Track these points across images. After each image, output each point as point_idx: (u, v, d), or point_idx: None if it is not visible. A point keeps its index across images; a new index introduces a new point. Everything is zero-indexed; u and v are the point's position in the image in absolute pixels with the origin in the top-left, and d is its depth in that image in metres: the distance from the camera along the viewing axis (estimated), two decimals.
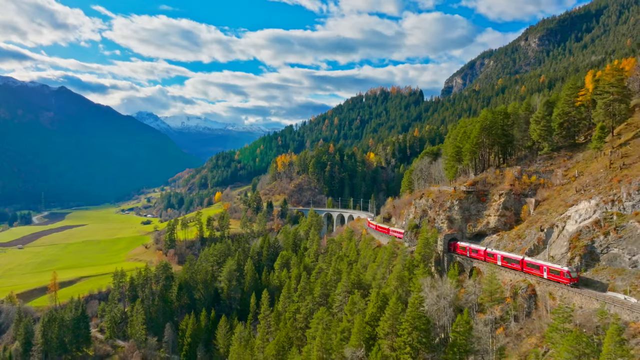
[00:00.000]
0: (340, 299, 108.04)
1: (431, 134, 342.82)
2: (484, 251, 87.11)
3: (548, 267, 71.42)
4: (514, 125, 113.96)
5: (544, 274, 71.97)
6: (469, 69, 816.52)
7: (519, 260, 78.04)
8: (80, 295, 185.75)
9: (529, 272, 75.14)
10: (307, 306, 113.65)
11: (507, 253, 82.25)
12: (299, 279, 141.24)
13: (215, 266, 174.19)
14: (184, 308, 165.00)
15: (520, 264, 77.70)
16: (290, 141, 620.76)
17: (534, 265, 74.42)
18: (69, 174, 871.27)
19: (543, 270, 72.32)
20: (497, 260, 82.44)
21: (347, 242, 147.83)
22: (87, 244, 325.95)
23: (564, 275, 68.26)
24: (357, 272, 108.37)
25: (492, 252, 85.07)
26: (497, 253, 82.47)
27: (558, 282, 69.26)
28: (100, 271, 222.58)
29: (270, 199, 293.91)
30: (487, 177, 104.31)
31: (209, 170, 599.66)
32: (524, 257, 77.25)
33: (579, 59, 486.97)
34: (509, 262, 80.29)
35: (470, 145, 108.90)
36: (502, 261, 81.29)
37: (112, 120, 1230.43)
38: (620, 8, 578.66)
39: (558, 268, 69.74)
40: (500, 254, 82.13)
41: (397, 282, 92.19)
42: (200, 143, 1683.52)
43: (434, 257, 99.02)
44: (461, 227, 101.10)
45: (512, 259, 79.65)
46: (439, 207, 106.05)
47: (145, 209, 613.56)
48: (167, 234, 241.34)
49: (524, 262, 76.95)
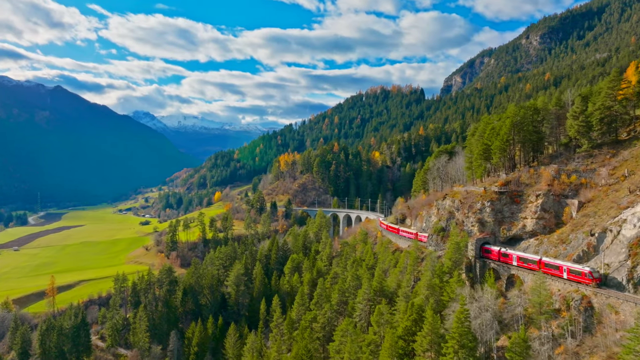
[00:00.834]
0: (361, 307, 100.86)
1: (437, 132, 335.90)
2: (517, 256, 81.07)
3: (568, 268, 70.80)
4: (544, 121, 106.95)
5: (564, 274, 71.36)
6: (469, 67, 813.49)
7: (536, 261, 77.47)
8: (79, 300, 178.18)
9: (547, 273, 74.00)
10: (324, 315, 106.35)
11: (550, 260, 75.35)
12: (311, 285, 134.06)
13: (221, 270, 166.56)
14: (189, 314, 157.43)
15: (537, 264, 76.88)
16: (290, 140, 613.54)
17: (553, 266, 73.78)
18: (65, 174, 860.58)
19: (563, 270, 71.70)
20: (540, 266, 76.21)
21: (363, 244, 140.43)
22: (85, 246, 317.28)
23: (585, 275, 67.49)
24: (379, 279, 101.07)
25: (530, 258, 78.70)
26: (553, 261, 75.54)
27: (579, 283, 68.32)
28: (100, 274, 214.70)
29: (274, 199, 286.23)
30: (520, 177, 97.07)
31: (207, 170, 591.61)
32: (566, 264, 72.05)
33: (582, 57, 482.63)
34: (525, 263, 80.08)
35: (500, 143, 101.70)
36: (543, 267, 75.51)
37: (108, 119, 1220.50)
38: (622, 6, 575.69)
39: (579, 268, 69.02)
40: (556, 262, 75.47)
41: (428, 291, 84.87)
42: (197, 142, 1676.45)
43: (464, 262, 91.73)
44: (494, 230, 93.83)
45: (529, 260, 79.45)
46: (467, 209, 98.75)
47: (143, 209, 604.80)
48: (168, 236, 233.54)
49: (541, 263, 76.25)
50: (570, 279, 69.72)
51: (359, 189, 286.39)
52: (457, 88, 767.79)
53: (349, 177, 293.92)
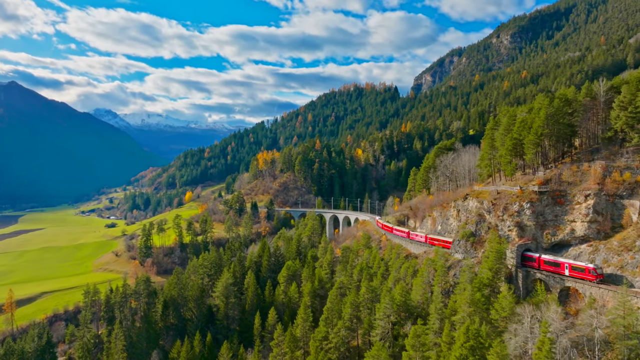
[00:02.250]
0: (382, 325, 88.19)
1: (419, 130, 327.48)
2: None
3: (570, 265, 71.54)
4: (574, 113, 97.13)
5: (565, 271, 72.22)
6: (439, 66, 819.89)
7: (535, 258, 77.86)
8: (43, 316, 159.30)
9: (547, 270, 75.09)
10: (338, 334, 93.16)
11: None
12: (313, 296, 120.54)
13: (205, 279, 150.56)
14: (171, 330, 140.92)
15: (536, 262, 77.42)
16: (262, 138, 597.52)
17: (554, 263, 74.16)
18: (21, 173, 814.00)
19: (564, 267, 72.34)
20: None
21: (368, 250, 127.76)
22: (46, 252, 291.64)
23: (589, 272, 68.51)
24: (402, 292, 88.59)
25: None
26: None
27: (583, 280, 69.22)
28: (65, 285, 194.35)
29: (254, 199, 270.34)
30: (560, 174, 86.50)
31: (176, 169, 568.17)
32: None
33: (553, 56, 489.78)
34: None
35: (534, 137, 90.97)
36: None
37: (67, 117, 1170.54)
38: (588, 7, 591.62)
39: (582, 265, 70.15)
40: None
41: (471, 309, 72.92)
42: (162, 141, 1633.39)
43: (503, 272, 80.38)
44: (535, 235, 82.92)
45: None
46: (502, 211, 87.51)
47: (107, 210, 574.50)
48: (141, 240, 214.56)
49: (540, 260, 76.77)
50: (573, 275, 69.60)
51: (343, 188, 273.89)
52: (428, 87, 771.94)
53: (333, 175, 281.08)
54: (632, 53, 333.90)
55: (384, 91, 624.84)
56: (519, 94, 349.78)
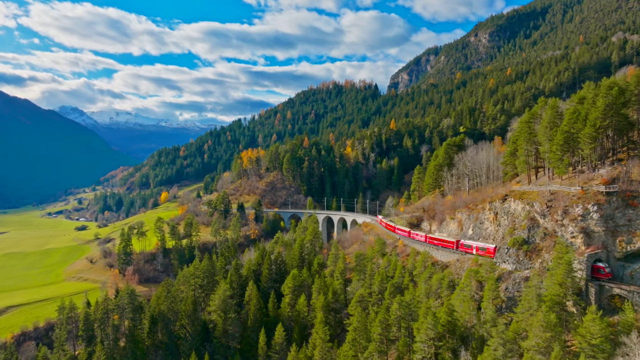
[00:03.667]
0: (425, 350, 75.51)
1: (409, 127, 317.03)
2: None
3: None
4: (628, 104, 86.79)
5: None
6: (415, 65, 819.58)
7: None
8: (9, 335, 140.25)
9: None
10: (369, 359, 79.97)
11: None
12: (326, 310, 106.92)
13: (197, 291, 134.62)
14: (160, 349, 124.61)
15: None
16: (240, 136, 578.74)
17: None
18: None
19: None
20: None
21: (386, 257, 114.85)
22: (10, 258, 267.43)
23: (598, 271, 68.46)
24: (448, 310, 76.03)
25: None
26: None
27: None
28: (34, 297, 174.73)
29: (239, 199, 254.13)
30: (628, 172, 75.50)
31: (150, 168, 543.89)
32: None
33: (532, 55, 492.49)
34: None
35: (591, 130, 79.77)
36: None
37: (31, 114, 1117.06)
38: (564, 7, 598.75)
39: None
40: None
41: (550, 334, 60.73)
42: (131, 140, 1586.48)
43: (573, 288, 68.67)
44: (605, 242, 71.59)
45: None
46: (561, 215, 75.89)
47: (76, 212, 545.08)
48: (120, 246, 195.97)
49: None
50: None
51: (334, 187, 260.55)
52: (404, 85, 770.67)
53: (323, 174, 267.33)
54: (616, 51, 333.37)
55: (364, 89, 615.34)
56: (507, 91, 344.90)
